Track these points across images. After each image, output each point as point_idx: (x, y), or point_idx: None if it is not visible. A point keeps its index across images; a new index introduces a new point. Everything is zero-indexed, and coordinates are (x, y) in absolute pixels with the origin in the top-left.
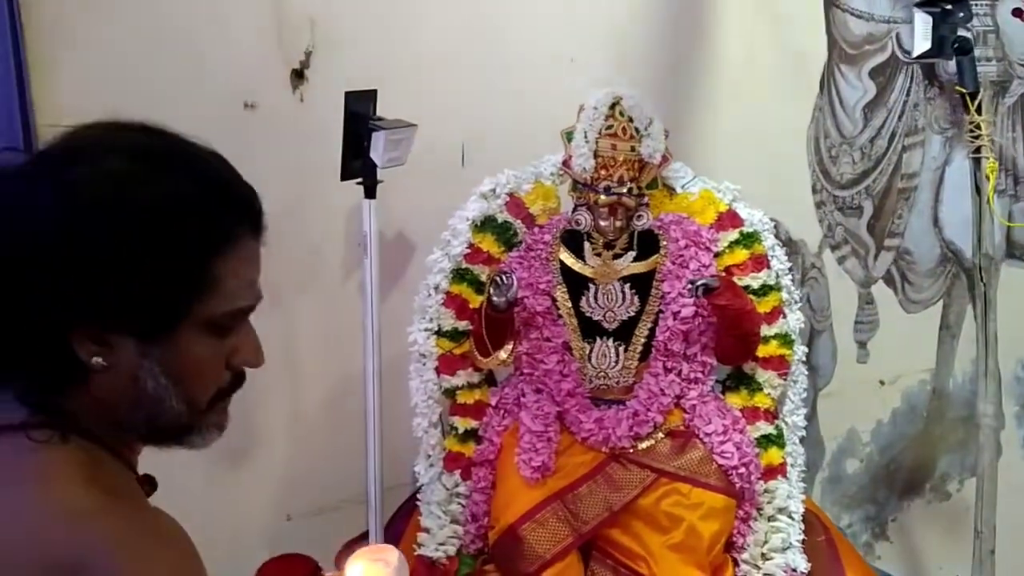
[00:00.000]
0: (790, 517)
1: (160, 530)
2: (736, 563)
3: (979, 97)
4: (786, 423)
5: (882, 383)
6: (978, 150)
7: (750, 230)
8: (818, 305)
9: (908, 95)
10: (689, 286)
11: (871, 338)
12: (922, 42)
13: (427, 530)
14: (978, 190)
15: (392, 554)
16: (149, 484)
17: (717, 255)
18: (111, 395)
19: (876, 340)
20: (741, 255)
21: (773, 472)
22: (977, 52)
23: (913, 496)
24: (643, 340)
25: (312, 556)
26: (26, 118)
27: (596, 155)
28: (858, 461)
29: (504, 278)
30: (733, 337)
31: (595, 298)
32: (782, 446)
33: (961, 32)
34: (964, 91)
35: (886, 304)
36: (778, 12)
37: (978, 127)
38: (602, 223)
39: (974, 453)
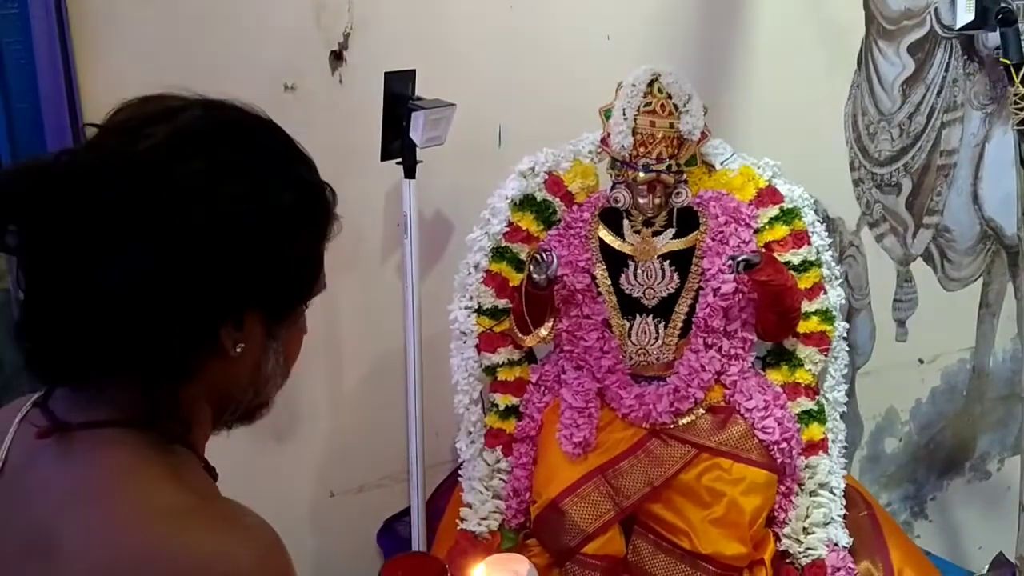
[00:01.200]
0: (831, 492)
1: (249, 530)
2: (777, 538)
3: None
4: (827, 399)
5: (921, 362)
6: (1022, 122)
7: (790, 206)
8: (856, 283)
9: (947, 71)
10: (730, 262)
11: (910, 316)
12: (964, 14)
13: (470, 505)
14: (1021, 162)
15: (522, 564)
16: (210, 473)
17: (757, 231)
18: (226, 380)
19: (915, 318)
20: (781, 231)
21: (814, 448)
22: (1021, 27)
23: (953, 475)
24: (683, 317)
25: (431, 554)
26: (73, 100)
27: (635, 132)
28: (897, 440)
29: (544, 255)
30: (774, 313)
31: (634, 275)
32: (823, 422)
33: (1004, 3)
34: (1008, 63)
35: (925, 282)
36: None
37: (1022, 99)
38: (641, 200)
39: (1014, 432)
